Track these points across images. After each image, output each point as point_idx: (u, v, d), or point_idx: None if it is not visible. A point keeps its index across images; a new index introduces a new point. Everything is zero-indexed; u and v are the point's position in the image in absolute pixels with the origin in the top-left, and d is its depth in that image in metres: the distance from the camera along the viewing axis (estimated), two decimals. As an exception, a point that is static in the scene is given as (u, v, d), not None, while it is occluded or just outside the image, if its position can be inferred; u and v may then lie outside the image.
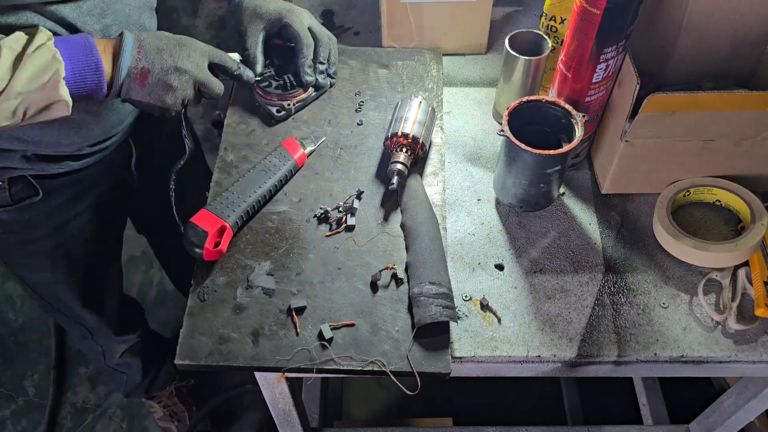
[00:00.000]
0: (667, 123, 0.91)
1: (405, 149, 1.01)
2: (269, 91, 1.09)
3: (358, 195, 1.02)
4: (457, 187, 1.06)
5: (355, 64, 1.20)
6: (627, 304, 0.93)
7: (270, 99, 1.09)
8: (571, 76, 0.93)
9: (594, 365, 0.90)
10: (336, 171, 1.06)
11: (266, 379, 1.00)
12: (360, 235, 0.98)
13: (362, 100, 1.15)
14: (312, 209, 1.01)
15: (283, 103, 1.10)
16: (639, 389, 1.62)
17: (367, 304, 0.91)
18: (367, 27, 1.30)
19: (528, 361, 0.90)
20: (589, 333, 0.90)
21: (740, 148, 0.95)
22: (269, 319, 0.90)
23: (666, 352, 0.89)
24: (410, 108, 1.04)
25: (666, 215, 0.97)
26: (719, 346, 0.89)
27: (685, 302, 0.93)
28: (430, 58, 1.21)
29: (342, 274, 0.94)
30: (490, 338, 0.90)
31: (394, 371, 0.85)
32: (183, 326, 0.89)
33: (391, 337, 0.88)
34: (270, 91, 1.09)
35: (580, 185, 1.06)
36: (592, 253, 0.98)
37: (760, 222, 0.94)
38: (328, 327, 0.88)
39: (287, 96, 1.10)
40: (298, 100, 1.11)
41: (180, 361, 0.86)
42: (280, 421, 1.15)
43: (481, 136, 1.13)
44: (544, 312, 0.92)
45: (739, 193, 0.99)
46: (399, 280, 0.93)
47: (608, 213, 1.03)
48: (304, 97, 1.11)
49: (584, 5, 0.85)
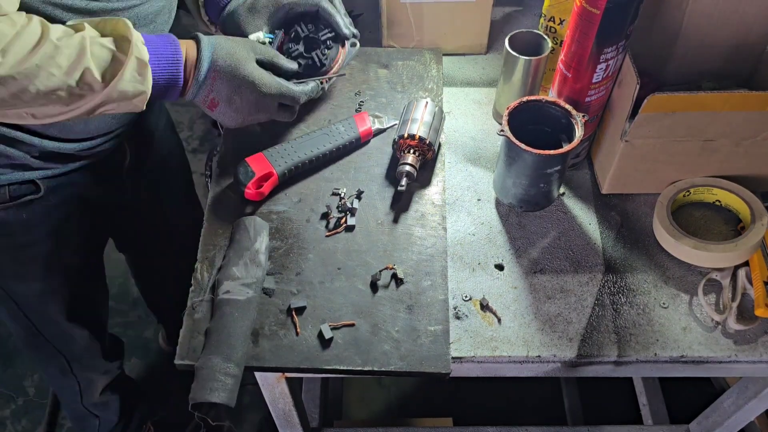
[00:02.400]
0: (667, 123, 0.91)
1: (413, 151, 1.01)
2: (299, 71, 1.02)
3: (358, 195, 1.02)
4: (457, 187, 1.06)
5: (355, 64, 1.20)
6: (627, 304, 0.93)
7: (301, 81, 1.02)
8: (571, 76, 0.93)
9: (594, 365, 0.90)
10: (336, 171, 1.06)
11: (266, 379, 1.00)
12: (360, 235, 0.98)
13: (362, 100, 1.15)
14: (312, 209, 1.01)
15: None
16: (639, 389, 1.62)
17: (367, 304, 0.91)
18: (367, 27, 1.30)
19: (528, 361, 0.90)
20: (589, 333, 0.90)
21: (740, 148, 0.95)
22: (269, 319, 0.90)
23: (666, 352, 0.89)
24: (417, 110, 1.04)
25: (666, 215, 0.97)
26: (719, 346, 0.89)
27: (685, 302, 0.93)
28: (430, 58, 1.21)
29: (342, 274, 0.94)
30: (490, 338, 0.90)
31: (394, 371, 0.85)
32: (183, 326, 0.89)
33: (391, 337, 0.88)
34: (300, 72, 1.02)
35: (580, 185, 1.06)
36: (592, 253, 0.98)
37: (760, 222, 0.94)
38: (328, 327, 0.88)
39: (317, 74, 1.03)
40: (331, 75, 1.05)
41: (180, 361, 0.86)
42: (280, 421, 1.15)
43: (481, 136, 1.13)
44: (544, 312, 0.92)
45: (739, 193, 0.99)
46: (399, 280, 0.93)
47: (608, 213, 1.03)
48: (335, 71, 1.05)
49: (584, 5, 0.85)
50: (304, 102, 1.01)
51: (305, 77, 1.01)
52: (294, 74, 1.00)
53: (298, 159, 1.02)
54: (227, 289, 0.89)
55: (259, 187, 1.00)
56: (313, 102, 1.14)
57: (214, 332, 0.86)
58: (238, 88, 0.91)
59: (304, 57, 1.02)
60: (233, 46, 0.91)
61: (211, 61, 0.88)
